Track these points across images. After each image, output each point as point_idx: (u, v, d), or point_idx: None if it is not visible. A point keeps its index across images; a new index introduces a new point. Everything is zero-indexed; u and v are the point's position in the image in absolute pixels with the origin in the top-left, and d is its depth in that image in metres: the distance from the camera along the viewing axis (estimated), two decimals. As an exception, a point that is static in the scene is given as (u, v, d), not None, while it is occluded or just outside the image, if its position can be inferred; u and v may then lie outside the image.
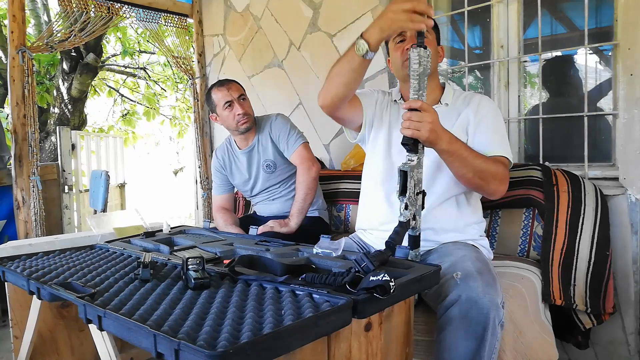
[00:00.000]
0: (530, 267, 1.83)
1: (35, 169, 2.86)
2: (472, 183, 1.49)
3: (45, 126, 5.84)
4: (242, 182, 2.45)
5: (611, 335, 1.98)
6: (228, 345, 0.81)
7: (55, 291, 1.19)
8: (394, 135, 1.68)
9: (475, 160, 1.45)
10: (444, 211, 1.59)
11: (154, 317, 0.96)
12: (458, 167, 1.44)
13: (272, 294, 1.10)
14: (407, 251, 1.36)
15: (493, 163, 1.49)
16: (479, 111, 1.60)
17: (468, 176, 1.46)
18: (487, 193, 1.53)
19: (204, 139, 3.72)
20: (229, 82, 2.33)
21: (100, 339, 1.13)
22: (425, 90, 1.33)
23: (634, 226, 1.94)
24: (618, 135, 2.00)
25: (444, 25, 2.63)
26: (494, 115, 1.60)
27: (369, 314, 1.03)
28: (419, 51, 1.30)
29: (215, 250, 1.56)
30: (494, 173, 1.48)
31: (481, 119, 1.58)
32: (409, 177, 1.32)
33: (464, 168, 1.44)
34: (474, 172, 1.45)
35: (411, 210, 1.36)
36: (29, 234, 2.88)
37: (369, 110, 1.72)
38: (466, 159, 1.43)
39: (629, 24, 1.94)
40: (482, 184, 1.48)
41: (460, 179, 1.50)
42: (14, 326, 1.64)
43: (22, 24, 2.82)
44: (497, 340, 1.29)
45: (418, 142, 1.34)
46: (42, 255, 1.65)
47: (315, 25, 2.95)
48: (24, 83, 2.79)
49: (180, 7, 3.62)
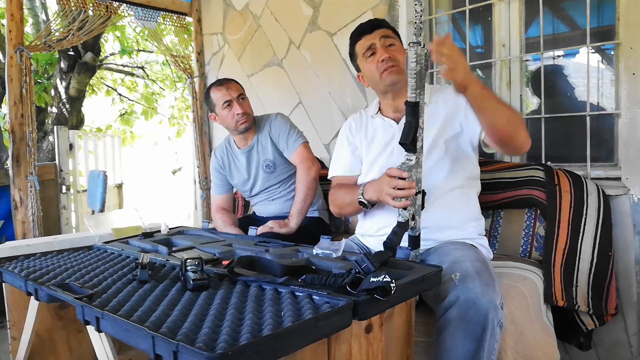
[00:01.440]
0: (532, 267, 1.82)
1: (33, 169, 2.84)
2: (505, 133, 1.42)
3: (43, 126, 5.83)
4: (242, 182, 2.44)
5: (613, 336, 1.97)
6: (227, 347, 0.81)
7: (53, 292, 1.19)
8: (381, 145, 1.72)
9: (504, 104, 1.41)
10: (438, 208, 1.58)
11: (152, 318, 0.96)
12: (492, 112, 1.38)
13: (272, 295, 1.09)
14: (408, 252, 1.35)
15: (515, 110, 1.45)
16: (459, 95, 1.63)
17: (502, 122, 1.39)
18: (518, 144, 1.46)
19: (203, 138, 3.70)
20: (228, 82, 2.32)
21: (98, 341, 1.13)
22: (423, 89, 1.31)
23: (636, 226, 1.93)
24: (620, 135, 2.00)
25: (445, 24, 2.62)
26: None
27: (369, 315, 1.02)
28: (417, 49, 1.28)
29: (214, 251, 1.55)
30: (520, 120, 1.43)
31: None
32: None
33: (497, 113, 1.38)
34: (506, 118, 1.38)
35: (410, 211, 1.35)
36: (26, 234, 2.87)
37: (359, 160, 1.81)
38: (498, 102, 1.39)
39: (630, 23, 1.93)
40: (513, 132, 1.42)
41: (493, 128, 1.44)
42: (11, 327, 1.63)
43: (20, 22, 2.81)
44: (496, 341, 1.29)
45: (416, 141, 1.32)
46: (40, 256, 1.65)
47: (315, 23, 2.93)
48: (22, 82, 2.78)
49: (179, 6, 3.60)
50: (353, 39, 1.75)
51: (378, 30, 1.69)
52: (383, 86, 1.68)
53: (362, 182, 1.75)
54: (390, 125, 1.72)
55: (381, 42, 1.67)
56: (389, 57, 1.64)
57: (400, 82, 1.66)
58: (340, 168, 1.83)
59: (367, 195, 1.57)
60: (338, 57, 2.83)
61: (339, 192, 1.76)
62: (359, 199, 1.59)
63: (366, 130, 1.79)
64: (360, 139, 1.80)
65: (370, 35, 1.69)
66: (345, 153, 1.83)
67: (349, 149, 1.82)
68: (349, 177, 1.80)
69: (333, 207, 1.80)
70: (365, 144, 1.78)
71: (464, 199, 1.64)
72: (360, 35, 1.72)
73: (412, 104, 1.30)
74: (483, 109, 1.38)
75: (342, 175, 1.82)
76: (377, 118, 1.77)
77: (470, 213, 1.66)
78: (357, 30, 1.74)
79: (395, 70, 1.64)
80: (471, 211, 1.66)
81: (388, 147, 1.70)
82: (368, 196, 1.56)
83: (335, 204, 1.79)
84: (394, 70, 1.63)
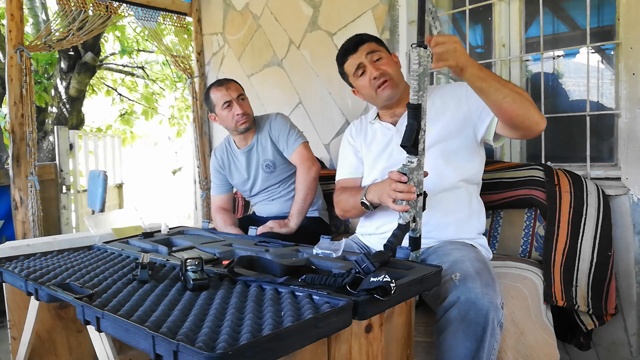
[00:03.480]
0: (532, 267, 1.82)
1: (33, 169, 2.84)
2: (514, 113, 1.38)
3: (43, 126, 5.83)
4: (241, 182, 2.44)
5: (613, 336, 1.97)
6: (227, 347, 0.81)
7: (53, 292, 1.19)
8: (380, 147, 1.74)
9: (508, 83, 1.38)
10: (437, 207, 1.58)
11: (153, 318, 0.96)
12: (495, 93, 1.34)
13: (272, 295, 1.09)
14: (407, 252, 1.35)
15: (521, 89, 1.41)
16: (454, 88, 1.66)
17: (508, 102, 1.35)
18: (532, 124, 1.40)
19: (203, 138, 3.70)
20: (228, 82, 2.32)
21: (98, 341, 1.13)
22: (425, 91, 1.29)
23: (636, 226, 1.93)
24: (620, 135, 1.99)
25: (446, 23, 2.62)
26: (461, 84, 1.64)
27: (369, 315, 1.02)
28: (419, 51, 1.25)
29: (214, 251, 1.55)
30: (528, 98, 1.39)
31: (461, 89, 1.63)
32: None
33: (501, 92, 1.34)
34: (512, 97, 1.34)
35: (411, 213, 1.35)
36: (26, 234, 2.87)
37: (361, 162, 1.83)
38: (500, 82, 1.36)
39: (631, 22, 1.93)
40: (522, 111, 1.37)
41: (500, 110, 1.39)
42: (11, 327, 1.63)
43: (20, 22, 2.81)
44: (496, 341, 1.29)
45: (417, 144, 1.31)
46: (40, 256, 1.64)
47: (315, 23, 2.93)
48: (22, 82, 2.78)
49: (179, 6, 3.60)
50: (340, 60, 1.76)
51: (362, 46, 1.69)
52: (380, 101, 1.71)
53: (364, 184, 1.77)
54: (388, 128, 1.74)
55: (368, 58, 1.67)
56: (380, 73, 1.65)
57: (397, 94, 1.69)
58: (344, 171, 1.86)
59: (369, 197, 1.59)
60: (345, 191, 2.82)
61: (343, 195, 1.78)
62: (361, 200, 1.61)
63: (365, 134, 1.82)
64: (360, 142, 1.82)
65: (355, 55, 1.69)
66: (348, 154, 1.85)
67: (352, 152, 1.84)
68: (352, 180, 1.83)
69: (338, 210, 1.83)
70: (365, 147, 1.80)
71: (464, 197, 1.64)
72: (345, 57, 1.73)
73: (414, 106, 1.29)
74: (485, 90, 1.35)
75: (345, 178, 1.85)
76: (375, 123, 1.80)
77: (471, 211, 1.66)
78: (341, 52, 1.75)
79: (389, 85, 1.65)
80: (471, 210, 1.66)
81: (387, 150, 1.72)
82: (370, 198, 1.58)
83: (339, 207, 1.81)
84: (388, 85, 1.65)
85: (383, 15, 2.59)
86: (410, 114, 1.30)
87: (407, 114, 1.30)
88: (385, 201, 1.41)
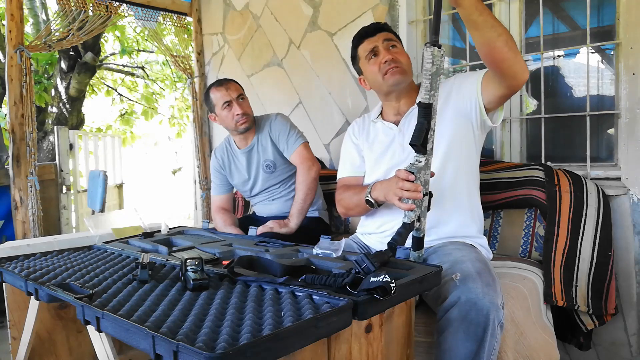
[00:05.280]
0: (532, 267, 1.82)
1: (33, 169, 2.84)
2: (502, 56, 1.35)
3: (43, 126, 5.83)
4: (242, 182, 2.44)
5: (613, 336, 1.97)
6: (227, 347, 0.81)
7: (53, 292, 1.19)
8: (382, 147, 1.74)
9: (501, 24, 1.36)
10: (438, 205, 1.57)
11: (153, 318, 0.96)
12: (492, 29, 1.32)
13: (272, 295, 1.09)
14: (407, 252, 1.35)
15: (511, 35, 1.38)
16: (443, 85, 1.63)
17: (499, 42, 1.33)
18: (517, 70, 1.38)
19: (203, 138, 3.70)
20: (228, 82, 2.32)
21: (98, 341, 1.13)
22: (437, 91, 1.29)
23: (636, 226, 1.93)
24: (620, 135, 2.00)
25: (446, 23, 2.62)
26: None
27: (369, 315, 1.02)
28: (433, 50, 1.25)
29: (214, 251, 1.55)
30: (516, 47, 1.37)
31: (447, 85, 1.64)
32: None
33: (496, 29, 1.32)
34: (504, 39, 1.32)
35: (416, 212, 1.35)
36: (26, 234, 2.87)
37: (364, 160, 1.83)
38: (495, 20, 1.34)
39: (631, 23, 1.93)
40: (510, 56, 1.35)
41: (488, 47, 1.36)
42: (11, 327, 1.63)
43: (20, 22, 2.80)
44: (496, 341, 1.29)
45: (426, 143, 1.30)
46: (40, 256, 1.65)
47: (315, 23, 2.93)
48: (22, 82, 2.78)
49: (179, 6, 3.60)
50: (355, 42, 1.76)
51: (381, 33, 1.71)
52: (386, 87, 1.68)
53: (365, 184, 1.76)
54: (390, 128, 1.73)
55: (384, 44, 1.68)
56: (392, 58, 1.65)
57: (404, 83, 1.67)
58: (346, 169, 1.85)
59: (374, 195, 1.57)
60: (338, 57, 2.83)
61: (346, 194, 1.77)
62: (366, 198, 1.59)
63: (367, 133, 1.81)
64: (362, 141, 1.82)
65: (372, 38, 1.70)
66: (351, 151, 1.84)
67: (354, 150, 1.84)
68: (355, 178, 1.82)
69: (340, 209, 1.81)
70: (367, 146, 1.79)
71: (464, 196, 1.64)
72: (362, 38, 1.73)
73: (425, 105, 1.28)
74: (481, 25, 1.32)
75: (347, 176, 1.84)
76: (377, 122, 1.79)
77: (471, 210, 1.66)
78: (359, 34, 1.75)
79: (399, 71, 1.64)
80: (472, 208, 1.66)
81: (389, 150, 1.72)
82: (375, 195, 1.57)
83: (342, 205, 1.79)
84: (397, 70, 1.64)
85: (383, 15, 2.59)
86: (420, 112, 1.29)
87: (418, 113, 1.30)
88: (391, 199, 1.40)
